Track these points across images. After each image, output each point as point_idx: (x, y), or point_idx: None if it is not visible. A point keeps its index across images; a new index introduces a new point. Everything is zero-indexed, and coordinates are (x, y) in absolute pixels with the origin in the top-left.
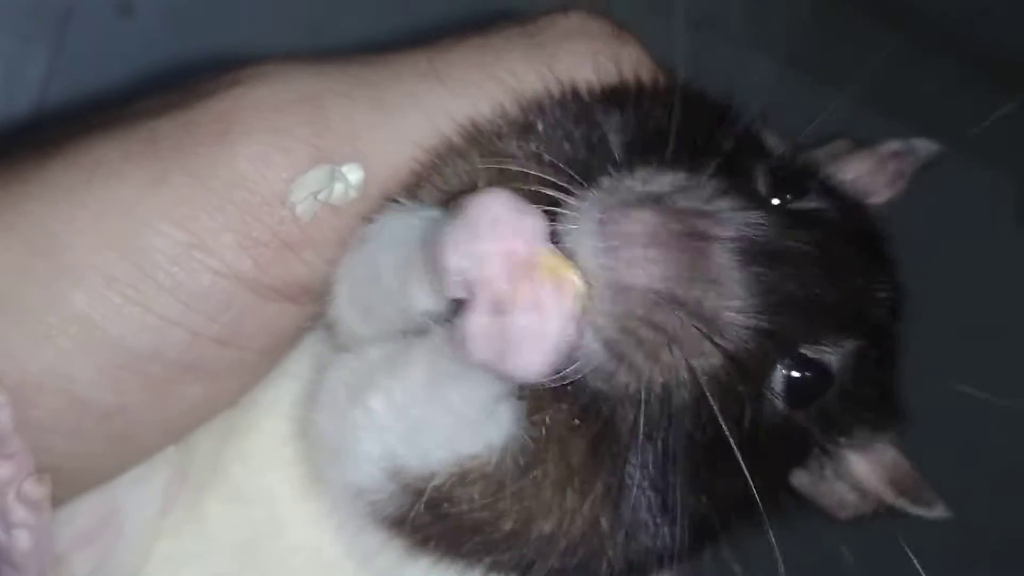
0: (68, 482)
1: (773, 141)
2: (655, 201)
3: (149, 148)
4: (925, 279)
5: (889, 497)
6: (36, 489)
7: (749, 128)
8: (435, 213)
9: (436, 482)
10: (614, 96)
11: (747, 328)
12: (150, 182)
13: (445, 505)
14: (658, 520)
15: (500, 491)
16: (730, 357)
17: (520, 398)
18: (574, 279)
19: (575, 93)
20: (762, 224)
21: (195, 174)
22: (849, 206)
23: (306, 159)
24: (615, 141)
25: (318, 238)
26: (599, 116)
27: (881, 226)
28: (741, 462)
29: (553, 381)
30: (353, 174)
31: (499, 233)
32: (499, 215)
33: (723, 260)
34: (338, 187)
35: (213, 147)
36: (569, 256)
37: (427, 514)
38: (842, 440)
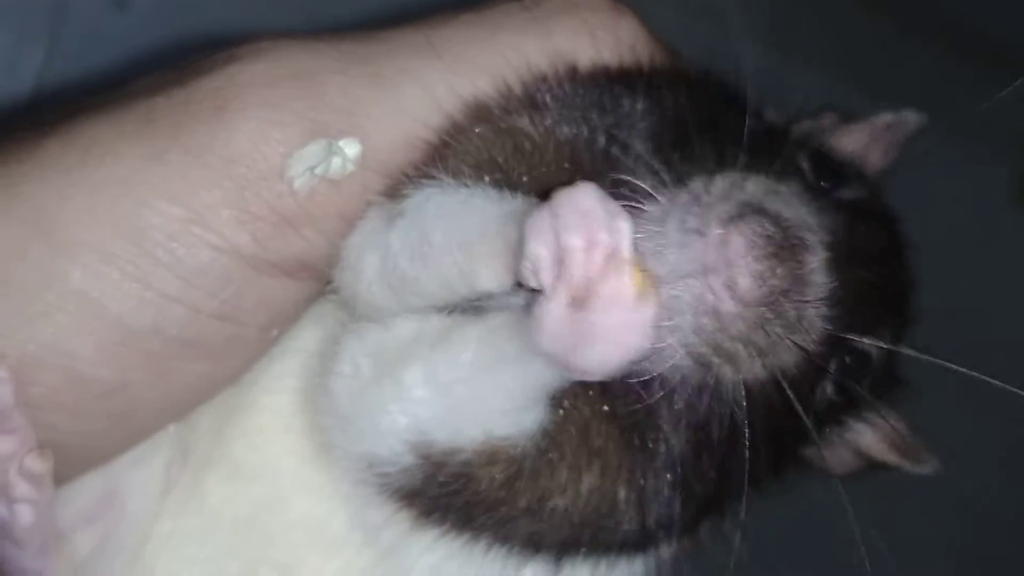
0: (70, 460)
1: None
2: (755, 211)
3: (145, 126)
4: (922, 264)
5: (891, 460)
6: (38, 464)
7: (770, 113)
8: (492, 192)
9: (462, 457)
10: (622, 75)
11: (825, 327)
12: (147, 159)
13: (463, 481)
14: (675, 495)
15: (520, 472)
16: (809, 354)
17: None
18: (653, 288)
19: (583, 71)
20: (839, 225)
21: (192, 151)
22: (877, 192)
23: (303, 134)
24: (639, 124)
25: (317, 214)
26: (612, 96)
27: (895, 210)
28: (817, 443)
29: (623, 377)
30: (351, 148)
31: (588, 228)
32: (590, 210)
33: (820, 269)
34: (335, 161)
35: (210, 124)
36: (657, 263)
37: (442, 488)
38: (856, 412)
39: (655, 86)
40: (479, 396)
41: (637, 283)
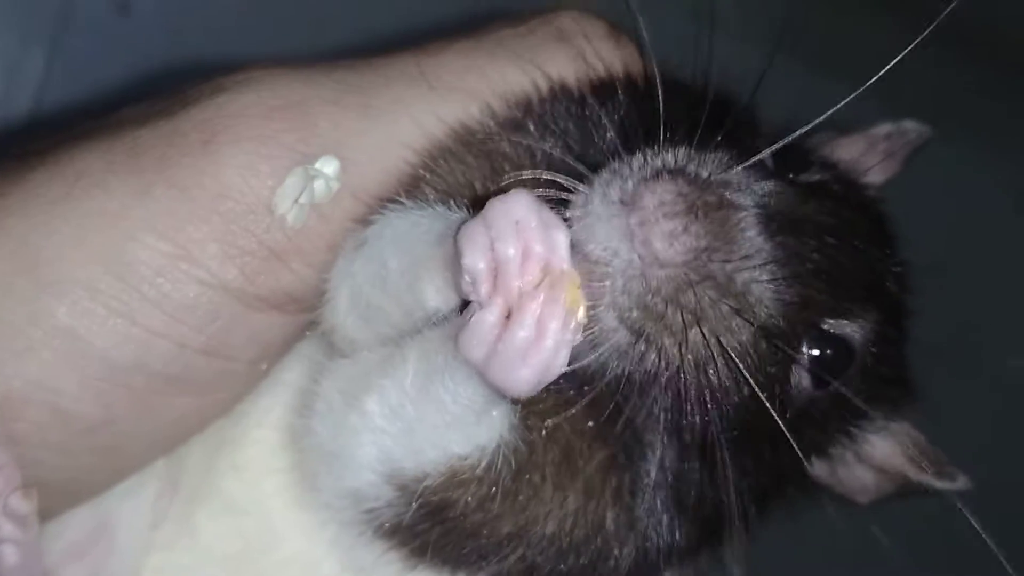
0: (57, 496)
1: (767, 125)
2: (671, 172)
3: (132, 159)
4: (927, 267)
5: (913, 474)
6: (23, 504)
7: (745, 111)
8: (441, 211)
9: (428, 483)
10: (602, 89)
11: (776, 300)
12: (134, 193)
13: (443, 510)
14: (670, 516)
15: (493, 494)
16: (761, 331)
17: (516, 401)
18: (582, 295)
19: (564, 89)
20: (780, 192)
21: (179, 184)
22: (850, 180)
23: (292, 167)
24: (609, 133)
25: (306, 246)
26: (589, 110)
27: (881, 200)
28: (791, 440)
29: (572, 369)
30: (329, 166)
31: (522, 237)
32: (522, 218)
33: (749, 229)
34: (318, 184)
35: (197, 157)
36: (584, 244)
37: (425, 519)
38: (863, 422)
39: (625, 92)
40: (425, 414)
41: (568, 292)
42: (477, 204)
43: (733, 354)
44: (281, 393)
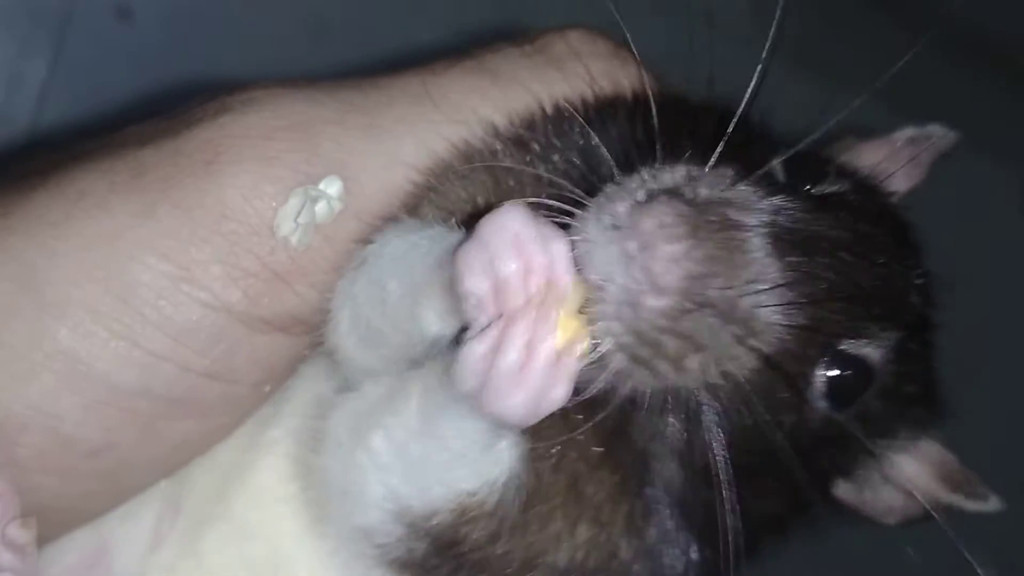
0: (56, 520)
1: (779, 137)
2: (668, 194)
3: (135, 179)
4: (936, 272)
5: (942, 495)
6: (21, 533)
7: (755, 125)
8: (440, 230)
9: (436, 521)
10: (604, 108)
11: (785, 325)
12: (136, 214)
13: (453, 546)
14: (683, 544)
15: (504, 527)
16: (767, 359)
17: (524, 432)
18: (580, 319)
19: (567, 109)
20: (789, 209)
21: (182, 205)
22: (869, 189)
23: (296, 187)
24: (611, 151)
25: (310, 267)
26: (591, 130)
27: (903, 209)
28: (797, 464)
29: (572, 399)
30: (332, 187)
31: (521, 251)
32: (520, 232)
33: (754, 251)
34: (321, 205)
35: (200, 177)
36: (582, 269)
37: (436, 555)
38: (886, 442)
39: (627, 111)
40: (429, 453)
41: (569, 321)
42: (472, 222)
43: (738, 381)
44: (291, 420)
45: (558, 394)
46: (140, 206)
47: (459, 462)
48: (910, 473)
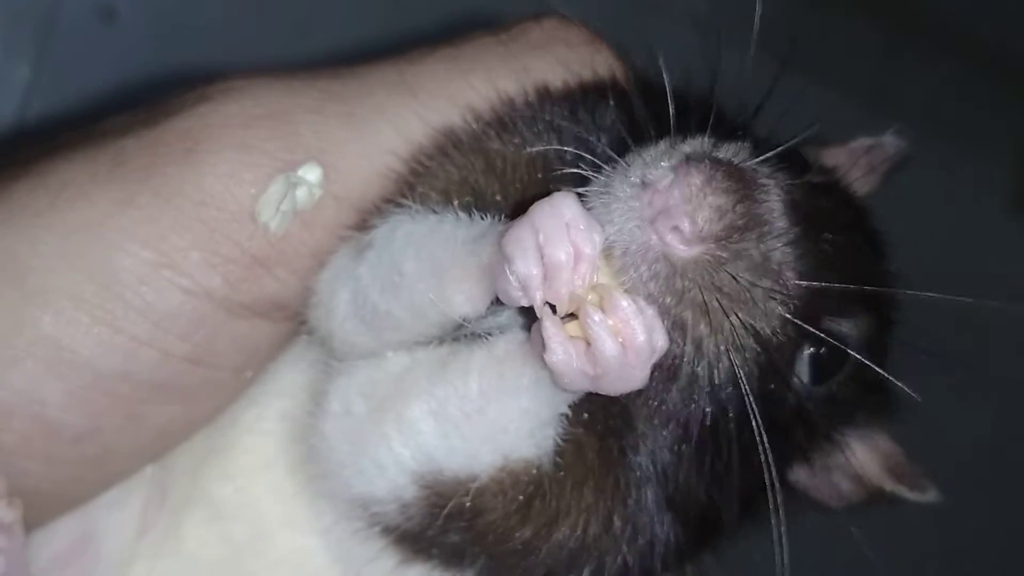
0: (43, 505)
1: (759, 128)
2: (702, 156)
3: (116, 168)
4: (921, 270)
5: (887, 485)
6: (7, 513)
7: (732, 113)
8: (459, 216)
9: (476, 485)
10: (588, 92)
11: (805, 288)
12: (117, 203)
13: (470, 513)
14: (667, 517)
15: (540, 491)
16: (789, 320)
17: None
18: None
19: (549, 92)
20: (798, 185)
21: (162, 193)
22: (844, 184)
23: (275, 174)
24: (604, 132)
25: (290, 253)
26: (577, 111)
27: (869, 205)
28: (771, 442)
29: None
30: (311, 173)
31: (573, 239)
32: (572, 220)
33: (779, 214)
34: (300, 191)
35: (180, 165)
36: (615, 235)
37: (445, 523)
38: (844, 428)
39: (620, 93)
40: (495, 424)
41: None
42: (483, 205)
43: (763, 342)
44: (269, 400)
45: (659, 341)
46: (121, 195)
47: (528, 431)
48: (861, 461)
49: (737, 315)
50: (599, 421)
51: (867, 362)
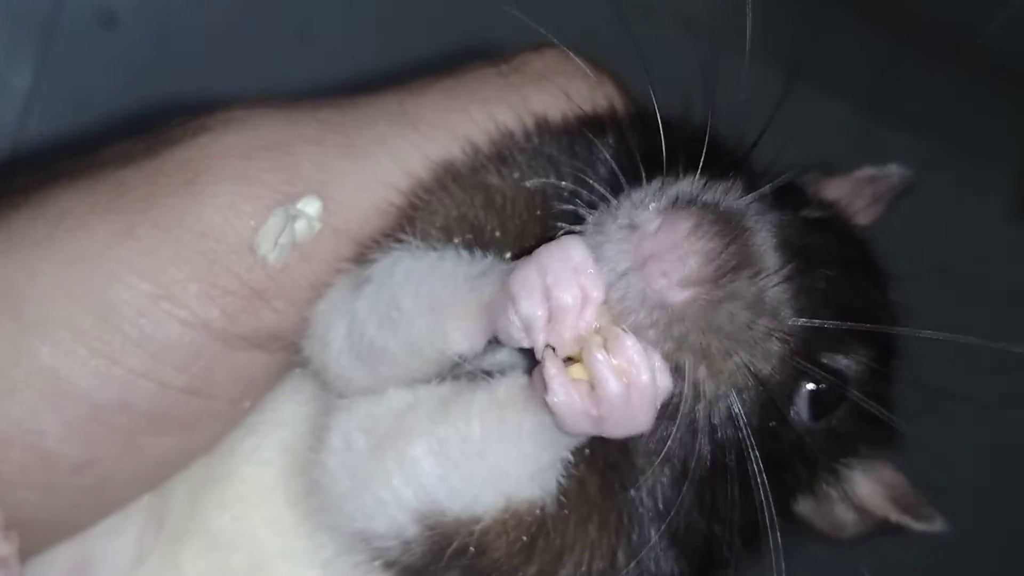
0: (41, 534)
1: (760, 160)
2: (690, 201)
3: (115, 199)
4: (921, 278)
5: (893, 515)
6: (4, 546)
7: (731, 146)
8: (459, 254)
9: (479, 527)
10: (590, 124)
11: (802, 325)
12: (116, 234)
13: (474, 552)
14: (670, 550)
15: (542, 531)
16: (789, 357)
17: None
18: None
19: (550, 124)
20: (789, 223)
21: (161, 225)
22: (844, 218)
23: (275, 206)
24: (602, 167)
25: (288, 285)
26: (577, 144)
27: (871, 238)
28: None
29: None
30: (310, 206)
31: (581, 283)
32: (579, 264)
33: (770, 253)
34: (299, 224)
35: (180, 197)
36: (610, 279)
37: (450, 560)
38: (847, 460)
39: (619, 127)
40: (497, 466)
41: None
42: (482, 241)
43: (763, 380)
44: (267, 431)
45: (663, 384)
46: (120, 226)
47: (531, 474)
48: (865, 492)
49: (737, 355)
50: (600, 457)
51: (863, 400)
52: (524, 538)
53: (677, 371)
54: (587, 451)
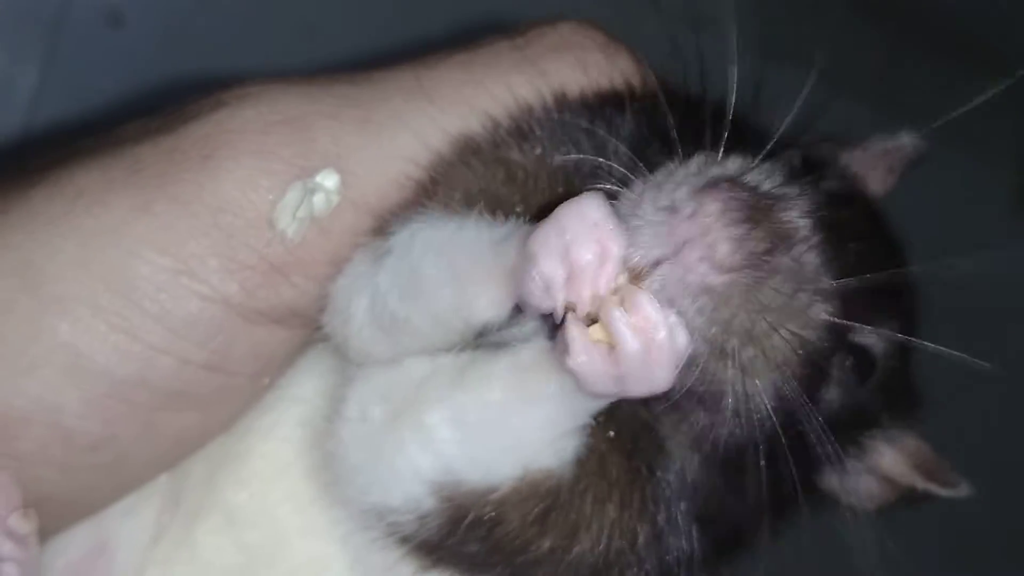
0: (59, 513)
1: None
2: (729, 181)
3: (133, 175)
4: (924, 272)
5: (919, 483)
6: (23, 524)
7: (747, 119)
8: (479, 221)
9: (495, 496)
10: (608, 99)
11: (841, 299)
12: (134, 210)
13: (489, 524)
14: (694, 530)
15: (557, 503)
16: (834, 321)
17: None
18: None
19: (567, 98)
20: (819, 198)
21: (179, 200)
22: (863, 191)
23: (292, 181)
24: (623, 142)
25: (307, 260)
26: (598, 118)
27: (886, 212)
28: (831, 449)
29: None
30: (329, 180)
31: (599, 240)
32: (598, 220)
33: (805, 229)
34: (318, 198)
35: (197, 172)
36: (639, 251)
37: (466, 534)
38: (872, 432)
39: (639, 102)
40: (517, 433)
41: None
42: (504, 213)
43: (809, 349)
44: (285, 407)
45: (683, 341)
46: (138, 201)
47: (550, 441)
48: (889, 462)
49: (784, 328)
50: (627, 440)
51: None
52: (538, 509)
53: (723, 355)
54: (612, 432)
